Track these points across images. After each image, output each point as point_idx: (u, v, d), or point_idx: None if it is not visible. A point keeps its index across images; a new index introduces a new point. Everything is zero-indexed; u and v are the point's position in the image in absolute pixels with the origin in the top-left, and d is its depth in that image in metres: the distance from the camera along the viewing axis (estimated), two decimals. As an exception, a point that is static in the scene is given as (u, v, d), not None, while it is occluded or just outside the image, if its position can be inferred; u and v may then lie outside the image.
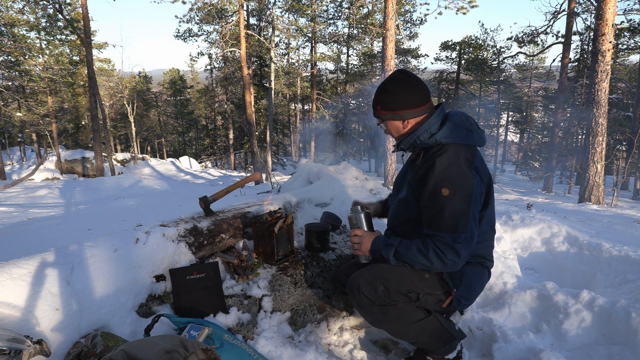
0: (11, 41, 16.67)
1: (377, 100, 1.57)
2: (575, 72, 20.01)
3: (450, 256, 1.35)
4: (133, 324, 1.51)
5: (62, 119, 23.99)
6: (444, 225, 1.36)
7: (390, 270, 1.52)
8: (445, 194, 1.36)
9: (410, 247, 1.43)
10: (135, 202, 7.27)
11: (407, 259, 1.44)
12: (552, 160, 16.83)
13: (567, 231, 2.74)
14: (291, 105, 28.03)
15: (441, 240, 1.36)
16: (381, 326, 1.59)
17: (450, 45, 27.74)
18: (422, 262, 1.40)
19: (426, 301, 1.53)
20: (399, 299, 1.51)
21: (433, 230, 1.39)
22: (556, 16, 14.92)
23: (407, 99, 1.49)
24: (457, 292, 1.52)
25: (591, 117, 7.35)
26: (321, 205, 2.94)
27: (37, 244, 3.87)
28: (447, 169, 1.38)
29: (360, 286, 1.52)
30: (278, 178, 15.03)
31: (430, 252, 1.37)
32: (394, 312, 1.51)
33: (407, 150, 1.59)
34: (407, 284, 1.50)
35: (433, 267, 1.40)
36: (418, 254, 1.40)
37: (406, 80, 1.50)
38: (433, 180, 1.39)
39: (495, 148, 29.67)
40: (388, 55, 9.97)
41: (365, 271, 1.56)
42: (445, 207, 1.36)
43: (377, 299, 1.50)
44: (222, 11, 19.28)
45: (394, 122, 1.55)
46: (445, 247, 1.35)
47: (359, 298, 1.53)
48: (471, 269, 1.54)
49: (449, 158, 1.39)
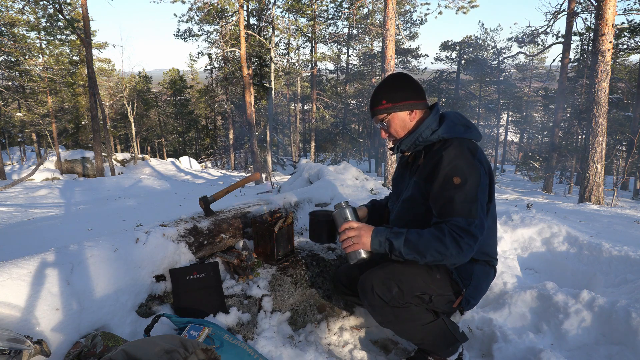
0: (11, 41, 16.69)
1: (380, 96, 1.54)
2: (575, 72, 20.02)
3: (467, 239, 1.31)
4: (133, 324, 1.51)
5: (62, 119, 24.01)
6: (458, 211, 1.35)
7: (404, 270, 1.47)
8: (457, 182, 1.37)
9: (422, 233, 1.36)
10: (135, 202, 7.27)
11: (419, 246, 1.34)
12: (552, 160, 16.83)
13: (567, 231, 2.74)
14: (291, 105, 28.03)
15: (456, 224, 1.33)
16: (390, 327, 1.55)
17: (450, 45, 27.76)
18: (437, 247, 1.32)
19: (438, 302, 1.50)
20: (412, 300, 1.47)
21: (446, 217, 1.36)
22: (556, 16, 14.92)
23: (414, 89, 1.54)
24: (466, 292, 1.52)
25: (591, 117, 7.35)
26: (321, 205, 2.94)
27: (37, 244, 3.87)
28: (455, 160, 1.40)
29: (374, 286, 1.45)
30: (278, 178, 15.04)
31: (447, 236, 1.31)
32: (406, 314, 1.47)
33: (407, 150, 1.59)
34: (420, 285, 1.47)
35: (448, 252, 1.31)
36: (433, 240, 1.33)
37: (407, 76, 1.57)
38: (443, 171, 1.40)
39: (495, 148, 29.68)
40: (388, 55, 9.97)
41: (378, 270, 1.49)
42: (457, 194, 1.36)
43: (390, 300, 1.44)
44: (222, 11, 19.29)
45: (401, 114, 1.53)
46: (461, 230, 1.32)
47: (372, 298, 1.46)
48: (479, 267, 1.54)
49: (455, 149, 1.42)
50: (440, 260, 1.35)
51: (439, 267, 1.50)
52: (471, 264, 1.53)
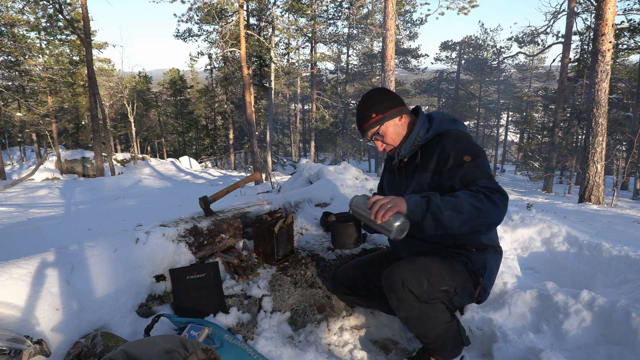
0: (11, 41, 16.68)
1: (368, 112, 1.59)
2: (575, 72, 20.01)
3: (498, 195, 1.30)
4: (133, 324, 1.51)
5: (62, 119, 24.01)
6: (480, 176, 1.38)
7: (430, 264, 1.46)
8: (468, 159, 1.42)
9: (455, 194, 1.31)
10: (135, 202, 7.27)
11: (456, 203, 1.28)
12: (552, 160, 16.83)
13: (567, 231, 2.73)
14: (291, 105, 28.03)
15: (484, 185, 1.33)
16: (411, 323, 1.50)
17: (450, 45, 27.77)
18: (472, 202, 1.26)
19: (463, 295, 1.51)
20: (440, 296, 1.45)
21: (470, 184, 1.36)
22: (556, 16, 14.93)
23: (395, 97, 1.62)
24: (482, 282, 1.55)
25: (591, 117, 7.34)
26: (321, 205, 2.94)
27: (37, 244, 3.87)
28: (459, 143, 1.47)
29: (405, 280, 1.40)
30: (278, 178, 15.02)
31: (479, 193, 1.29)
32: (431, 311, 1.45)
33: (406, 155, 1.62)
34: (446, 279, 1.45)
35: (484, 207, 1.26)
36: (467, 196, 1.29)
37: (383, 88, 1.66)
38: (451, 155, 1.45)
39: (495, 148, 29.69)
40: (388, 55, 9.97)
41: (406, 264, 1.45)
42: (472, 167, 1.41)
43: (421, 295, 1.40)
44: (222, 11, 19.27)
45: (392, 121, 1.59)
46: (490, 189, 1.31)
47: (402, 293, 1.41)
48: (490, 255, 1.58)
49: (454, 136, 1.50)
50: (477, 218, 1.27)
51: (456, 258, 1.53)
52: (483, 252, 1.57)
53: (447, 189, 1.43)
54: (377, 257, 1.92)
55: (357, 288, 1.88)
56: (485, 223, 1.31)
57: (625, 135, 16.38)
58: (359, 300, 1.96)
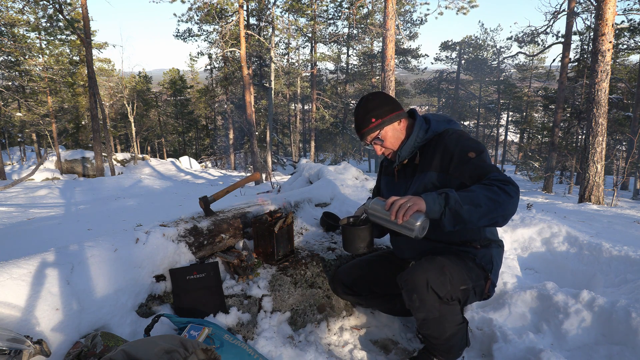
0: (11, 41, 16.69)
1: (368, 116, 1.60)
2: (575, 72, 20.00)
3: (511, 186, 1.30)
4: (133, 324, 1.51)
5: (62, 119, 24.02)
6: (489, 169, 1.40)
7: (449, 263, 1.44)
8: (473, 156, 1.44)
9: (470, 189, 1.33)
10: (135, 202, 7.27)
11: (472, 197, 1.27)
12: (552, 160, 16.82)
13: (567, 231, 2.74)
14: (291, 105, 28.03)
15: (495, 177, 1.34)
16: (428, 324, 1.46)
17: (450, 45, 27.77)
18: (489, 195, 1.27)
19: (478, 292, 1.53)
20: (459, 295, 1.45)
21: (481, 179, 1.37)
22: (556, 16, 14.92)
23: (393, 101, 1.63)
24: (491, 277, 1.57)
25: (591, 117, 7.34)
26: (321, 205, 2.94)
27: (37, 244, 3.87)
28: (460, 141, 1.50)
29: (429, 281, 1.37)
30: (278, 178, 15.02)
31: (493, 186, 1.30)
32: (448, 312, 1.43)
33: (407, 157, 1.63)
34: (464, 277, 1.45)
35: (500, 199, 1.27)
36: (482, 189, 1.29)
37: (381, 92, 1.66)
38: (455, 152, 1.47)
39: (495, 148, 29.69)
40: (388, 55, 9.97)
41: (427, 264, 1.41)
42: (479, 162, 1.43)
43: (445, 296, 1.38)
44: (222, 11, 19.28)
45: (392, 125, 1.60)
46: (501, 181, 1.32)
47: (425, 293, 1.38)
48: (495, 250, 1.60)
49: (454, 135, 1.53)
50: (494, 210, 1.27)
51: (465, 255, 1.54)
52: (488, 248, 1.59)
53: (457, 186, 1.43)
54: (378, 257, 1.92)
55: (358, 288, 1.88)
56: (502, 214, 1.30)
57: (625, 135, 16.37)
58: (360, 300, 1.96)
